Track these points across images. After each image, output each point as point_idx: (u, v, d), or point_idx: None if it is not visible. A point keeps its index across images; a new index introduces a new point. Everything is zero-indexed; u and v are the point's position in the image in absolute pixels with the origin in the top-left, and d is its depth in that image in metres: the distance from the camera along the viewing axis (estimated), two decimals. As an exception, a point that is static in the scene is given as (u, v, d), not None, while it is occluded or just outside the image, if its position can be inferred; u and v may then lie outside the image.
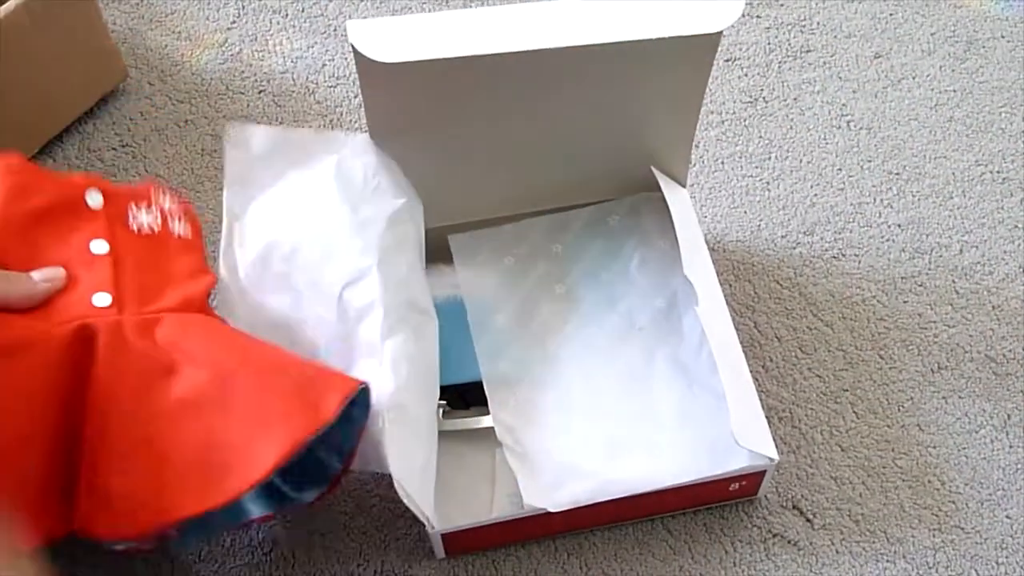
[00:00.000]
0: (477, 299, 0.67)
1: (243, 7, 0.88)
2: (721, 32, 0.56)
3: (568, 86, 0.58)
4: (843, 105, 0.83)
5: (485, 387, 0.62)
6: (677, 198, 0.66)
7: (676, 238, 0.63)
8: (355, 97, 0.82)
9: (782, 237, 0.74)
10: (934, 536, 0.60)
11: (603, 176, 0.68)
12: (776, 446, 0.57)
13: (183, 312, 0.53)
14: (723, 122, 0.81)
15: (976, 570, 0.59)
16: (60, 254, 0.53)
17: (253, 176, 0.61)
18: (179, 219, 0.58)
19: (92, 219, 0.55)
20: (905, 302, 0.71)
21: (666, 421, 0.62)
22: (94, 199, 0.55)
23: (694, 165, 0.78)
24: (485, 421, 0.62)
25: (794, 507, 0.61)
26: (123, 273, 0.53)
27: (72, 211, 0.55)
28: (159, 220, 0.57)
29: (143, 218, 0.56)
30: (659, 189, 0.66)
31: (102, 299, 0.51)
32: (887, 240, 0.74)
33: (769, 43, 0.87)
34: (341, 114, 0.81)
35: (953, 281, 0.72)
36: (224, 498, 0.47)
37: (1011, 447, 0.64)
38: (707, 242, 0.66)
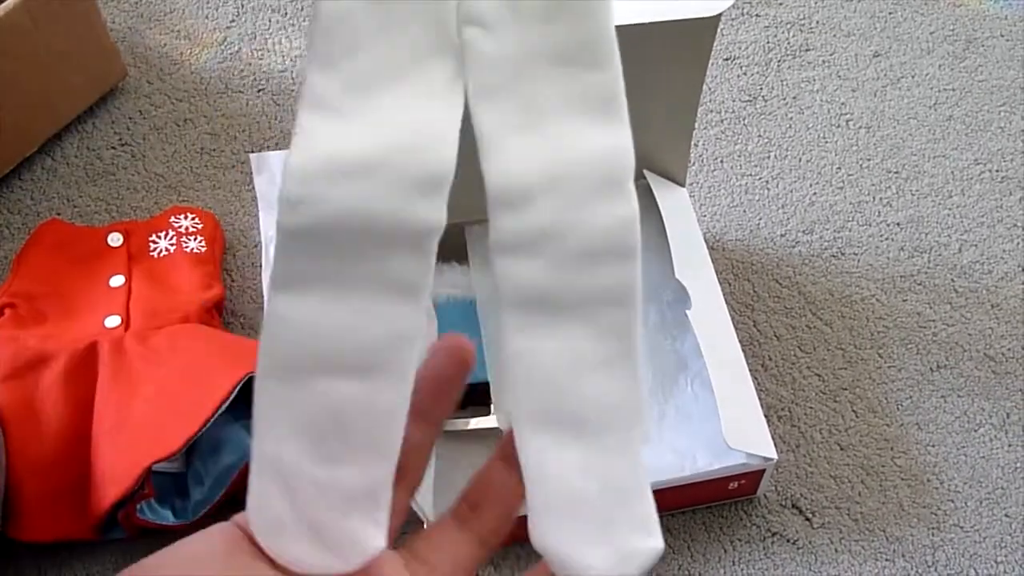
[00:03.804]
0: (492, 289, 0.67)
1: (242, 6, 0.88)
2: (719, 16, 0.56)
3: None
4: (842, 104, 0.83)
5: (491, 379, 0.62)
6: (674, 197, 0.66)
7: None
8: (354, 96, 0.82)
9: (781, 236, 0.74)
10: (933, 535, 0.61)
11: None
12: (775, 445, 0.57)
13: (181, 324, 0.63)
14: (722, 121, 0.81)
15: (975, 569, 0.59)
16: (87, 292, 0.65)
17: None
18: (194, 237, 0.69)
19: (113, 257, 0.68)
20: (904, 301, 0.71)
21: (667, 414, 0.62)
22: (114, 239, 0.69)
23: (693, 164, 0.78)
24: (485, 421, 0.62)
25: (793, 506, 0.61)
26: (134, 299, 0.65)
27: (97, 255, 0.68)
28: (174, 242, 0.69)
29: (162, 243, 0.69)
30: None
31: (113, 321, 0.63)
32: (886, 239, 0.74)
33: (768, 42, 0.87)
34: (340, 113, 0.81)
35: (952, 280, 0.72)
36: (212, 409, 0.55)
37: (1010, 446, 0.64)
38: (706, 241, 0.66)
